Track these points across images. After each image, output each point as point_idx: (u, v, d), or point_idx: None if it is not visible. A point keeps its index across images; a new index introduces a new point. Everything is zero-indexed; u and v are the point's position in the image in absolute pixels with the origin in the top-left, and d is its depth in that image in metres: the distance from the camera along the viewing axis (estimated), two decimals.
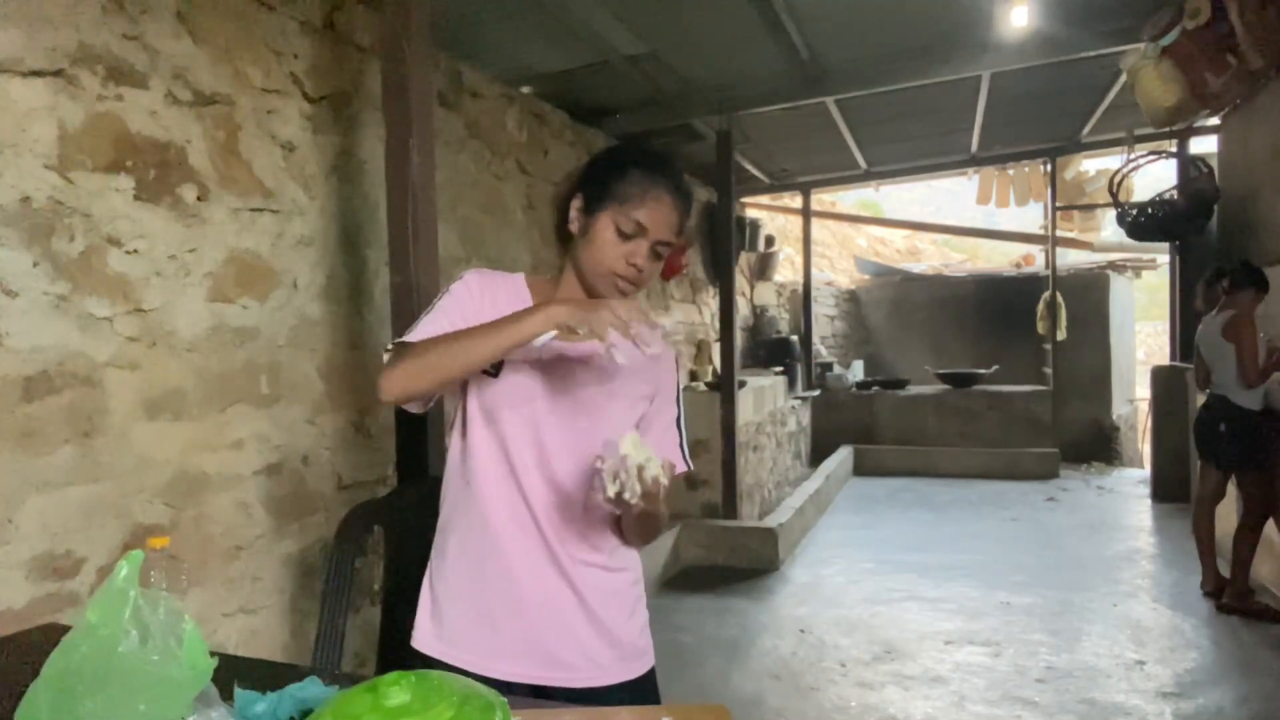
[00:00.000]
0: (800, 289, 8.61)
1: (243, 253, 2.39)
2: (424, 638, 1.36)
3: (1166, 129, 5.47)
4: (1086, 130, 6.54)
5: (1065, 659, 3.51)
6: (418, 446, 2.38)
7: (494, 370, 1.29)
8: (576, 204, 1.33)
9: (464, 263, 3.49)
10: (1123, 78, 4.75)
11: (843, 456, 7.76)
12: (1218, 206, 5.55)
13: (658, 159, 1.34)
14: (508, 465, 1.30)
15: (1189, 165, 5.91)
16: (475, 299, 1.32)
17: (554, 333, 1.18)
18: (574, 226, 1.33)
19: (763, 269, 8.32)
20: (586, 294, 1.34)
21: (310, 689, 1.09)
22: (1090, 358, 8.57)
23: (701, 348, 6.55)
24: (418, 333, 1.25)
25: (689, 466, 1.42)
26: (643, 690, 1.39)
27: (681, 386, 1.45)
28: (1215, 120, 5.60)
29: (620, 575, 1.39)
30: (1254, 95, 4.59)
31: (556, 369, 1.31)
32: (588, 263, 1.31)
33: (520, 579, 1.31)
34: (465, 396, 1.33)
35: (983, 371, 8.34)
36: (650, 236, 1.28)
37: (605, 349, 1.12)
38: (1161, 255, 8.34)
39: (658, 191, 1.29)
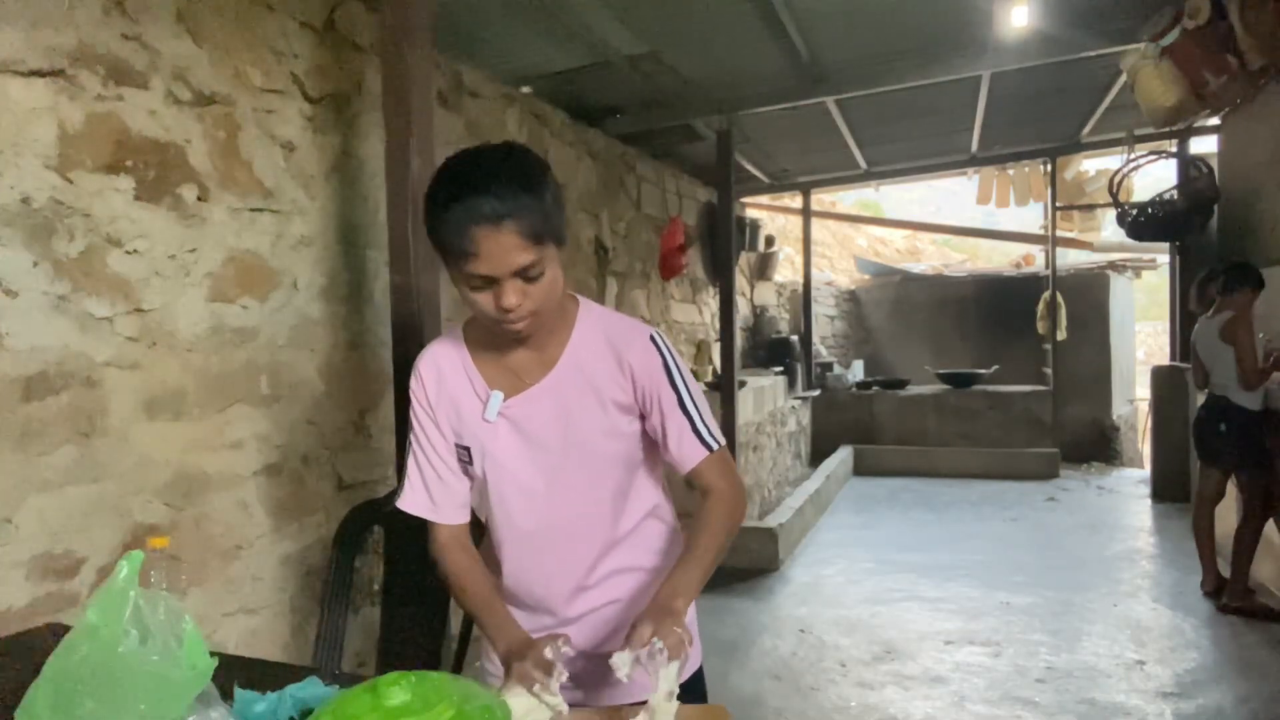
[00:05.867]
0: (800, 289, 8.61)
1: (243, 253, 2.39)
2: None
3: (1166, 129, 5.48)
4: (1086, 130, 6.54)
5: (1065, 659, 3.51)
6: None
7: (467, 457, 1.33)
8: None
9: None
10: (1123, 78, 4.75)
11: (843, 456, 7.76)
12: (1218, 206, 5.55)
13: (453, 188, 1.14)
14: (510, 525, 1.34)
15: (1189, 165, 5.91)
16: (431, 402, 1.33)
17: (501, 397, 1.28)
18: None
19: (763, 269, 8.32)
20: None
21: (310, 689, 1.09)
22: (1090, 358, 8.57)
23: (701, 348, 6.55)
24: (409, 491, 1.35)
25: (713, 446, 1.30)
26: (691, 695, 1.40)
27: (673, 363, 1.30)
28: (1215, 120, 5.60)
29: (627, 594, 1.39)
30: (1254, 95, 4.58)
31: (517, 435, 1.31)
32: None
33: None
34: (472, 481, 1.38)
35: (983, 371, 8.34)
36: (501, 276, 1.14)
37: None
38: (1161, 255, 8.34)
39: (472, 233, 1.11)
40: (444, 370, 1.34)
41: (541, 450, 1.30)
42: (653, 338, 1.30)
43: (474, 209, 1.11)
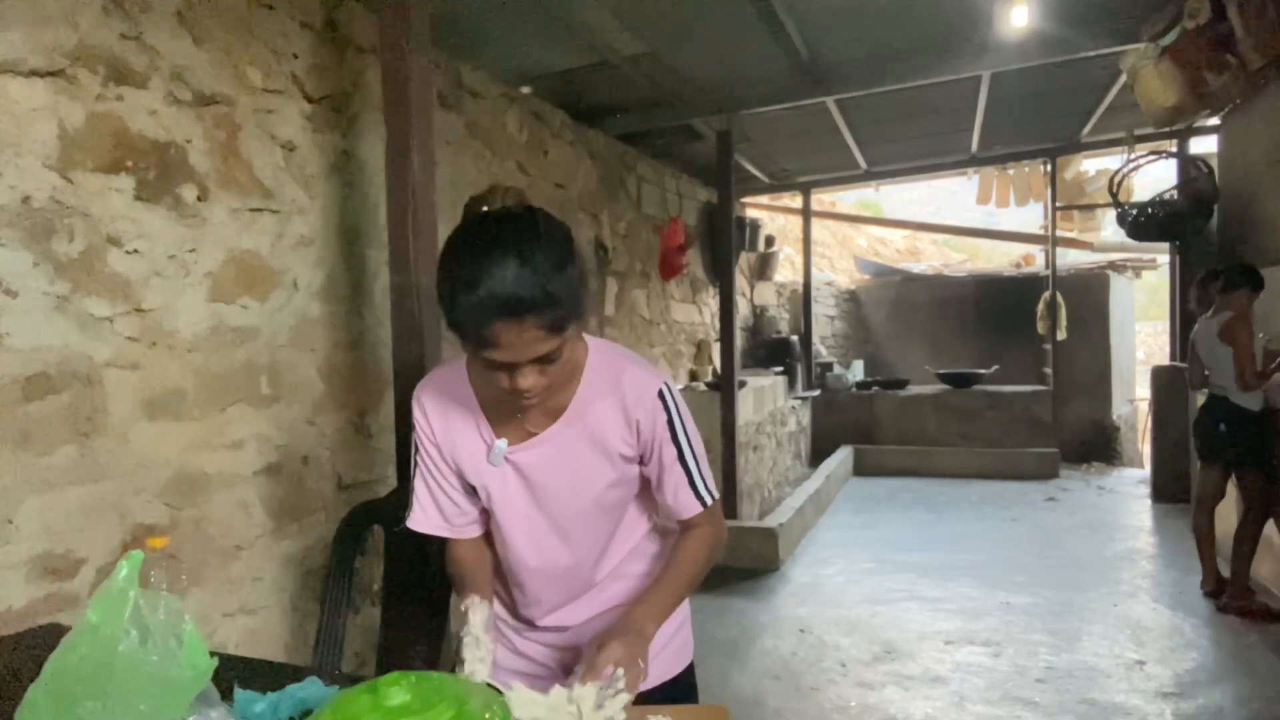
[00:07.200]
0: (800, 289, 8.61)
1: (243, 253, 2.39)
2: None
3: (1166, 129, 5.48)
4: (1086, 130, 6.54)
5: (1065, 659, 3.51)
6: None
7: (472, 491, 1.33)
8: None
9: None
10: (1123, 78, 4.75)
11: (843, 456, 7.75)
12: (1218, 206, 5.55)
13: (473, 271, 1.05)
14: (515, 558, 1.36)
15: (1189, 165, 5.91)
16: (436, 434, 1.32)
17: (506, 444, 1.27)
18: None
19: (763, 269, 8.32)
20: None
21: (310, 689, 1.09)
22: (1090, 358, 8.56)
23: (701, 348, 6.55)
24: (420, 511, 1.35)
25: (708, 502, 1.32)
26: (681, 689, 1.42)
27: (678, 418, 1.29)
28: (1215, 120, 5.60)
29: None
30: (1254, 95, 4.58)
31: (521, 481, 1.31)
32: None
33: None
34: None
35: (983, 371, 8.34)
36: (519, 363, 1.10)
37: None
38: (1161, 255, 8.34)
39: (493, 326, 1.05)
40: (450, 407, 1.31)
41: (546, 497, 1.30)
42: (661, 393, 1.28)
43: (495, 300, 1.04)
